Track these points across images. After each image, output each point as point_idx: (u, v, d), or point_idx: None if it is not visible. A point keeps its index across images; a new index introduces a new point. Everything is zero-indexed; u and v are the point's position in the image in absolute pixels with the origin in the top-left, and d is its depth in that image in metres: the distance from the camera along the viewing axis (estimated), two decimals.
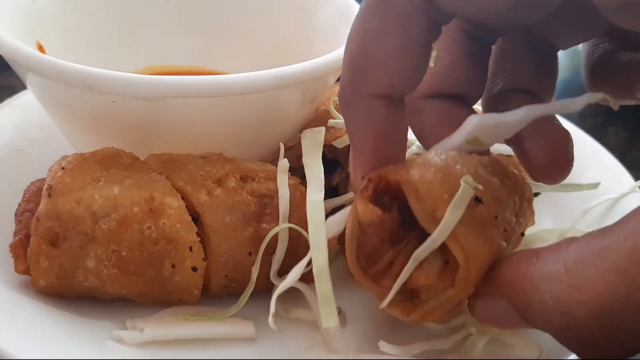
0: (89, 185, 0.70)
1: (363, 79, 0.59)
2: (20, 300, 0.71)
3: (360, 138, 0.63)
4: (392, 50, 0.57)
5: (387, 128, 0.62)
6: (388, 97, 0.60)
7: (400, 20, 0.56)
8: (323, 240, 0.68)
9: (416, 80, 0.61)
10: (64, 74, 0.73)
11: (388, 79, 0.59)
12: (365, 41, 0.58)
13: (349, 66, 0.61)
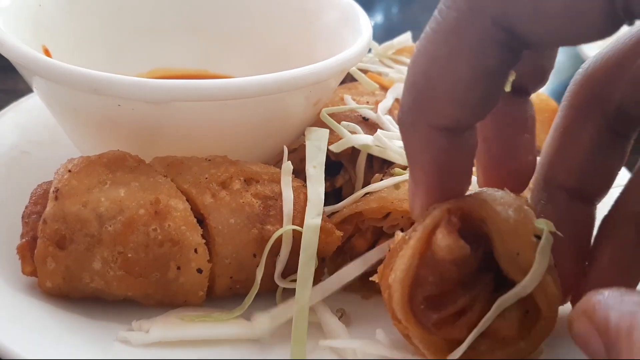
0: (95, 188, 0.70)
1: (426, 108, 0.55)
2: (27, 302, 0.72)
3: (420, 167, 0.60)
4: (461, 82, 0.52)
5: (449, 159, 0.58)
6: (452, 129, 0.56)
7: (473, 50, 0.51)
8: (310, 275, 0.70)
9: (485, 112, 0.56)
10: (69, 78, 0.73)
11: (454, 113, 0.54)
12: (432, 69, 0.53)
13: (412, 92, 0.56)
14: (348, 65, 0.85)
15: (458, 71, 0.52)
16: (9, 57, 0.78)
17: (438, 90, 0.54)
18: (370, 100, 0.95)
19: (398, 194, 0.78)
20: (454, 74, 0.53)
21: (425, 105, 0.55)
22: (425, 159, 0.59)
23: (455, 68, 0.52)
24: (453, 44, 0.52)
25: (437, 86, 0.54)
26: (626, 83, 0.61)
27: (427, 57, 0.54)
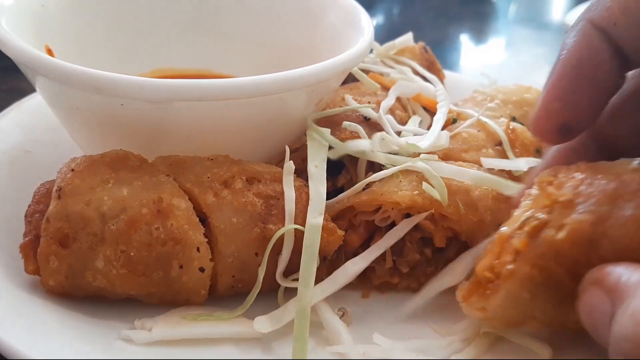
0: (98, 187, 0.71)
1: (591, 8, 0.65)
2: (30, 300, 0.72)
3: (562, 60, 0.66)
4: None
5: (590, 60, 0.65)
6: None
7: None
8: (312, 274, 0.71)
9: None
10: (72, 77, 0.73)
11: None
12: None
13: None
14: (350, 65, 0.86)
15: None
16: (12, 57, 0.78)
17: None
18: (371, 100, 0.95)
19: (389, 187, 0.79)
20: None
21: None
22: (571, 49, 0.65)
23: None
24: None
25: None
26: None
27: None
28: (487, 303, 0.63)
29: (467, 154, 0.88)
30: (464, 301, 0.66)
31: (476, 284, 0.66)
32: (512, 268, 0.61)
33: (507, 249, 0.63)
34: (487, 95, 1.04)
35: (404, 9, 2.25)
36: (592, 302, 0.55)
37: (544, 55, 1.92)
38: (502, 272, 0.62)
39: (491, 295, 0.63)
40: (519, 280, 0.61)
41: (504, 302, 0.62)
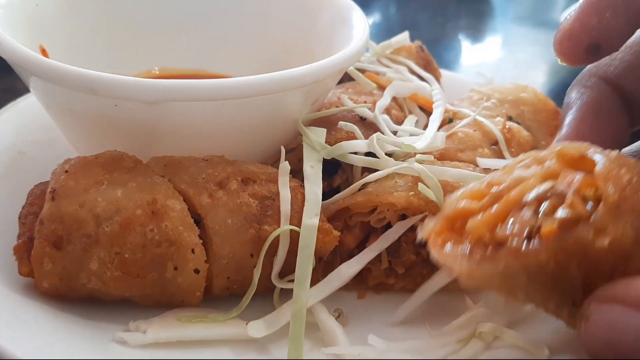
0: (92, 188, 0.70)
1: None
2: (24, 303, 0.72)
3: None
4: None
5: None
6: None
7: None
8: (308, 275, 0.70)
9: None
10: (66, 78, 0.73)
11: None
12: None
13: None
14: (346, 64, 0.85)
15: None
16: (5, 57, 0.77)
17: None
18: (368, 100, 0.95)
19: (384, 188, 0.79)
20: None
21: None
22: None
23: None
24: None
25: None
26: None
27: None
28: (476, 268, 0.58)
29: (463, 153, 0.88)
30: (434, 245, 0.62)
31: (449, 224, 0.63)
32: (526, 250, 0.55)
33: (518, 218, 0.58)
34: (484, 94, 1.04)
35: (400, 8, 2.25)
36: (613, 319, 0.52)
37: (541, 54, 1.92)
38: (510, 246, 0.56)
39: (483, 262, 0.57)
40: (528, 262, 0.56)
41: (495, 273, 0.57)
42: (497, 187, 0.63)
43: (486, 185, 0.64)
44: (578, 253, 0.54)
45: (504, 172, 0.64)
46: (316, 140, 0.83)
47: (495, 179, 0.64)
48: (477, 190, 0.64)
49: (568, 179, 0.58)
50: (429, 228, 0.64)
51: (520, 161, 0.64)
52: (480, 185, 0.65)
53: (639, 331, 0.50)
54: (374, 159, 0.83)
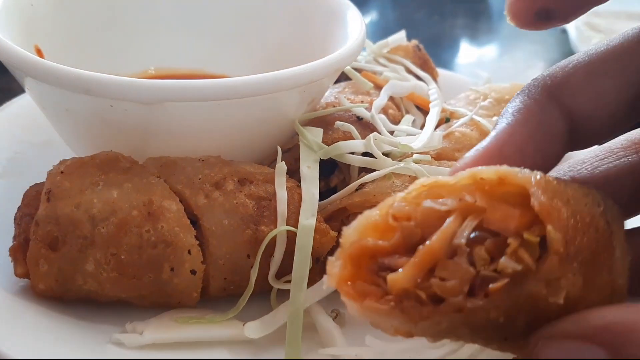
0: (87, 189, 0.70)
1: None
2: (20, 304, 0.72)
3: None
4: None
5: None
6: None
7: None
8: (305, 276, 0.70)
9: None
10: (61, 79, 0.73)
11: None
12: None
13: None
14: (342, 64, 0.85)
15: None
16: (0, 58, 0.77)
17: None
18: (364, 99, 0.95)
19: (381, 189, 0.78)
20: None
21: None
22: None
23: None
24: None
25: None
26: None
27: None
28: (414, 327, 0.51)
29: (460, 153, 0.87)
30: (348, 295, 0.53)
31: (356, 265, 0.54)
32: (474, 307, 0.49)
33: (451, 268, 0.51)
34: (481, 93, 1.04)
35: (396, 7, 2.25)
36: (569, 355, 0.48)
37: (538, 53, 1.92)
38: (452, 302, 0.50)
39: (422, 321, 0.50)
40: (472, 316, 0.50)
41: (436, 329, 0.51)
42: (404, 222, 0.54)
43: (391, 217, 0.55)
44: (529, 307, 0.50)
45: (406, 203, 0.55)
46: (313, 140, 0.82)
47: (399, 211, 0.55)
48: (380, 224, 0.55)
49: (499, 216, 0.51)
50: (334, 272, 0.54)
51: (424, 187, 0.55)
52: (382, 216, 0.55)
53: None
54: (371, 159, 0.83)
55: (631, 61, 0.61)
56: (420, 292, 0.50)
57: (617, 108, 0.61)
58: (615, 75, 0.61)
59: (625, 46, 0.62)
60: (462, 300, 0.49)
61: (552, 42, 1.96)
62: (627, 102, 0.61)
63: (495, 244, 0.51)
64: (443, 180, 0.54)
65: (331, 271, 0.54)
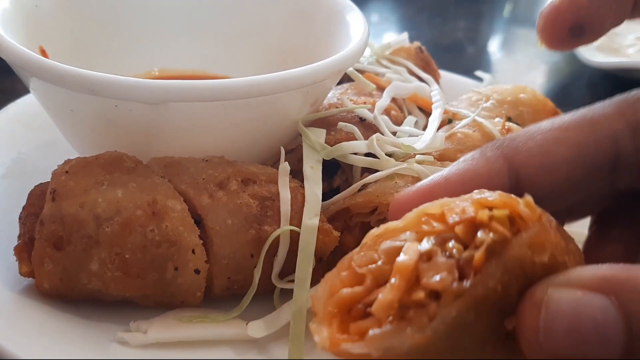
0: (92, 189, 0.70)
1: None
2: (24, 303, 0.72)
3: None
4: None
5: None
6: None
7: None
8: (308, 275, 0.70)
9: None
10: (66, 79, 0.73)
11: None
12: None
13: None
14: (345, 65, 0.85)
15: None
16: (5, 58, 0.77)
17: None
18: (367, 101, 0.95)
19: (384, 189, 0.79)
20: None
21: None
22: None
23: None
24: None
25: None
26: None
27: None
28: (428, 329, 0.49)
29: (463, 154, 0.86)
30: (341, 345, 0.52)
31: (340, 319, 0.54)
32: (472, 284, 0.50)
33: (433, 268, 0.51)
34: (483, 95, 1.04)
35: (398, 9, 2.25)
36: (578, 302, 0.49)
37: (540, 55, 1.93)
38: (450, 289, 0.50)
39: (431, 320, 0.50)
40: (474, 294, 0.50)
41: (446, 327, 0.50)
42: (371, 265, 0.55)
43: (355, 268, 0.55)
44: (517, 271, 0.51)
45: (365, 252, 0.56)
46: (316, 140, 0.83)
47: (361, 260, 0.55)
48: (346, 278, 0.55)
49: (459, 213, 0.53)
50: (324, 337, 0.53)
51: (377, 236, 0.57)
52: (347, 270, 0.56)
53: (600, 315, 0.48)
54: (374, 159, 0.83)
55: (590, 133, 0.61)
56: (418, 293, 0.50)
57: (570, 176, 0.61)
58: (572, 145, 0.61)
59: (587, 118, 0.63)
60: (459, 285, 0.50)
61: None
62: (582, 171, 0.61)
63: (465, 233, 0.52)
64: (392, 224, 0.56)
65: (321, 337, 0.53)
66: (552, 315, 0.49)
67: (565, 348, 0.49)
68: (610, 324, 0.48)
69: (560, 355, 0.49)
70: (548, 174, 0.61)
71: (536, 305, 0.50)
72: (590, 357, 0.48)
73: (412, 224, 0.56)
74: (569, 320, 0.48)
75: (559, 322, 0.49)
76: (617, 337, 0.48)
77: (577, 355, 0.49)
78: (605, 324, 0.48)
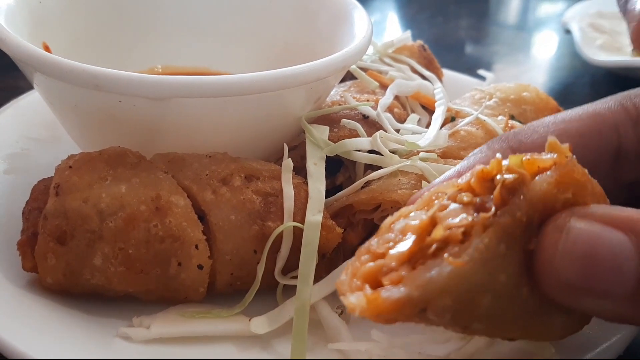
0: (96, 184, 0.70)
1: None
2: (28, 298, 0.72)
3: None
4: None
5: None
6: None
7: None
8: (311, 272, 0.70)
9: None
10: (70, 74, 0.73)
11: None
12: None
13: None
14: (348, 63, 0.85)
15: None
16: (9, 54, 0.77)
17: None
18: (370, 98, 0.95)
19: (388, 186, 0.79)
20: None
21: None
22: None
23: None
24: None
25: None
26: None
27: None
28: (459, 257, 0.50)
29: (466, 151, 0.87)
30: (391, 283, 0.52)
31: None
32: (505, 211, 0.51)
33: (456, 210, 0.53)
34: (486, 93, 1.04)
35: (401, 7, 2.25)
36: (595, 233, 0.50)
37: (542, 53, 1.93)
38: (477, 223, 0.51)
39: (466, 249, 0.50)
40: (503, 222, 0.51)
41: (484, 256, 0.50)
42: (390, 243, 0.56)
43: (374, 250, 0.56)
44: (539, 207, 0.53)
45: (381, 238, 0.57)
46: (320, 137, 0.83)
47: (377, 245, 0.57)
48: (368, 259, 0.56)
49: (473, 171, 0.56)
50: (359, 299, 0.52)
51: (392, 222, 0.59)
52: (366, 256, 0.57)
53: (617, 248, 0.50)
54: (377, 156, 0.83)
55: (593, 124, 0.63)
56: (455, 230, 0.51)
57: None
58: (575, 135, 0.63)
59: (590, 111, 0.65)
60: (487, 216, 0.51)
61: (556, 43, 1.96)
62: (586, 162, 0.61)
63: (478, 186, 0.54)
64: (405, 209, 0.59)
65: (357, 301, 0.52)
66: (572, 240, 0.51)
67: (578, 274, 0.50)
68: (625, 259, 0.49)
69: (572, 280, 0.51)
70: None
71: (558, 229, 0.52)
72: (600, 290, 0.50)
73: (424, 202, 0.57)
74: (587, 247, 0.50)
75: (577, 247, 0.50)
76: (630, 273, 0.49)
77: (589, 285, 0.50)
78: (620, 259, 0.49)
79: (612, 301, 0.51)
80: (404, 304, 0.50)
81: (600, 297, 0.51)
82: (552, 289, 0.52)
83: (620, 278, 0.49)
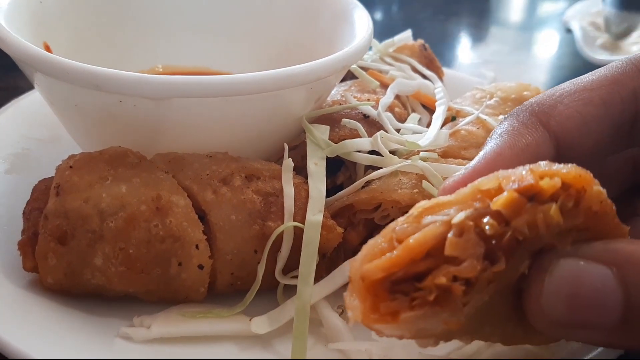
0: (96, 184, 0.70)
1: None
2: (28, 298, 0.72)
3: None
4: None
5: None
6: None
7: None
8: (312, 271, 0.70)
9: None
10: (71, 74, 0.73)
11: None
12: None
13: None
14: (349, 62, 0.85)
15: None
16: (10, 54, 0.77)
17: None
18: (371, 98, 0.95)
19: (388, 186, 0.79)
20: None
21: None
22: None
23: None
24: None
25: None
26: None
27: None
28: (457, 317, 0.51)
29: (467, 151, 0.88)
30: (382, 323, 0.52)
31: (374, 293, 0.52)
32: (503, 269, 0.50)
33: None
34: (486, 92, 1.04)
35: (402, 6, 2.25)
36: (579, 271, 0.51)
37: (543, 52, 1.92)
38: (482, 279, 0.50)
39: (462, 308, 0.50)
40: (503, 283, 0.52)
41: (478, 309, 0.52)
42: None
43: (396, 241, 0.54)
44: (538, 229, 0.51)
45: (408, 224, 0.55)
46: (320, 137, 0.83)
47: (402, 233, 0.54)
48: (386, 249, 0.54)
49: (518, 177, 0.52)
50: (356, 312, 0.52)
51: (425, 209, 0.56)
52: (387, 241, 0.55)
53: (599, 283, 0.50)
54: (378, 157, 0.83)
55: (614, 91, 0.63)
56: (440, 279, 0.49)
57: (601, 136, 0.63)
58: (600, 104, 0.63)
59: (609, 77, 0.64)
60: (492, 269, 0.50)
61: (557, 42, 1.96)
62: (610, 130, 0.63)
63: (509, 208, 0.51)
64: (444, 199, 0.55)
65: (354, 312, 0.52)
66: (555, 281, 0.51)
67: (565, 313, 0.51)
68: (609, 293, 0.50)
69: (560, 320, 0.51)
70: (585, 136, 0.62)
71: (542, 270, 0.52)
72: (588, 324, 0.51)
73: (464, 198, 0.54)
74: (571, 286, 0.51)
75: (561, 288, 0.51)
76: (614, 306, 0.50)
77: (576, 321, 0.51)
78: (604, 293, 0.50)
79: (600, 333, 0.51)
80: (395, 334, 0.54)
81: (589, 330, 0.51)
82: (542, 326, 0.53)
83: (606, 311, 0.50)
